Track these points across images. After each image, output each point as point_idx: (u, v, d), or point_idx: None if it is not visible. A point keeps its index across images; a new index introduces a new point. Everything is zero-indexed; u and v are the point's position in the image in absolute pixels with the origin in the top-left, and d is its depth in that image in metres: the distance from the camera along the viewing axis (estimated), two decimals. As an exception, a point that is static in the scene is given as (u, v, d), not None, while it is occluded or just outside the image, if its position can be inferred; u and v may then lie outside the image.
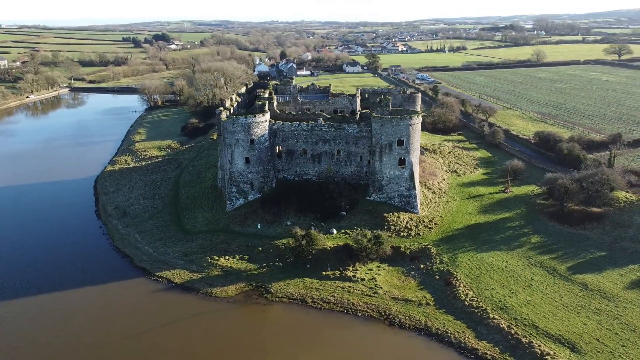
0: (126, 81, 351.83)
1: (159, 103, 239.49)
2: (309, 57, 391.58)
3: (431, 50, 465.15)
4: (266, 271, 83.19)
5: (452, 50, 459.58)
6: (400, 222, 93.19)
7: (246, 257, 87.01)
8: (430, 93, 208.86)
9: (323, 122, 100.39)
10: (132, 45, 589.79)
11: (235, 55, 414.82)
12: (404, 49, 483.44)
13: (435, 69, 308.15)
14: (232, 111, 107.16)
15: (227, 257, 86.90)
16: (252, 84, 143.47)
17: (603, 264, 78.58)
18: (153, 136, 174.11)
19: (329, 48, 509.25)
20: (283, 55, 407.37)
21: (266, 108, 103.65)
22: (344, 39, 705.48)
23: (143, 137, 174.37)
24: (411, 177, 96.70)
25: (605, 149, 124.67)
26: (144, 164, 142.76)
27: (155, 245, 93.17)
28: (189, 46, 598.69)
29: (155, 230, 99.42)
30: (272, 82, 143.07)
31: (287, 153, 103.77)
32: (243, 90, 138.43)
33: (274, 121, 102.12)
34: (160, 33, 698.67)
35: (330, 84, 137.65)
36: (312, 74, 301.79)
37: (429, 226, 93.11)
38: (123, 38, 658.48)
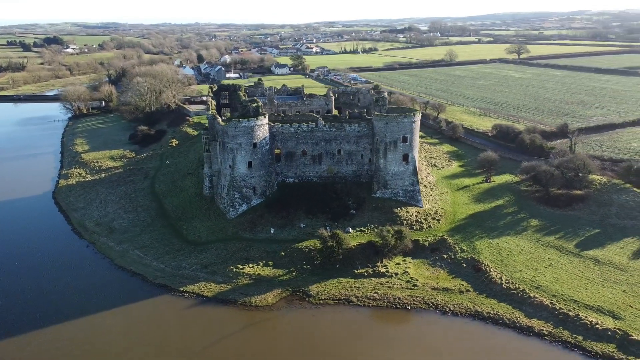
0: (29, 88, 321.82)
1: (84, 111, 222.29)
2: (228, 60, 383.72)
3: (345, 52, 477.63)
4: (296, 275, 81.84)
5: (365, 51, 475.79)
6: (410, 216, 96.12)
7: (270, 263, 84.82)
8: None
9: (324, 123, 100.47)
10: (21, 49, 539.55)
11: (143, 60, 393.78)
12: (318, 50, 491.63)
13: (361, 69, 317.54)
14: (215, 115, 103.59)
15: (251, 265, 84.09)
16: (216, 87, 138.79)
17: (602, 239, 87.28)
18: (98, 146, 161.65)
19: (242, 50, 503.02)
20: (200, 58, 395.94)
21: (261, 110, 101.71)
22: (251, 41, 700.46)
23: (86, 147, 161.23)
24: (414, 172, 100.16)
25: (557, 138, 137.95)
26: (103, 175, 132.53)
27: (164, 260, 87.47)
28: (87, 50, 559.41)
29: (156, 245, 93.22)
30: (243, 85, 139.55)
31: (287, 155, 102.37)
32: (210, 94, 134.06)
33: (272, 123, 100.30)
34: (51, 36, 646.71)
35: (302, 85, 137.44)
36: (240, 77, 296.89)
37: (436, 218, 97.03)
38: (8, 42, 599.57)
